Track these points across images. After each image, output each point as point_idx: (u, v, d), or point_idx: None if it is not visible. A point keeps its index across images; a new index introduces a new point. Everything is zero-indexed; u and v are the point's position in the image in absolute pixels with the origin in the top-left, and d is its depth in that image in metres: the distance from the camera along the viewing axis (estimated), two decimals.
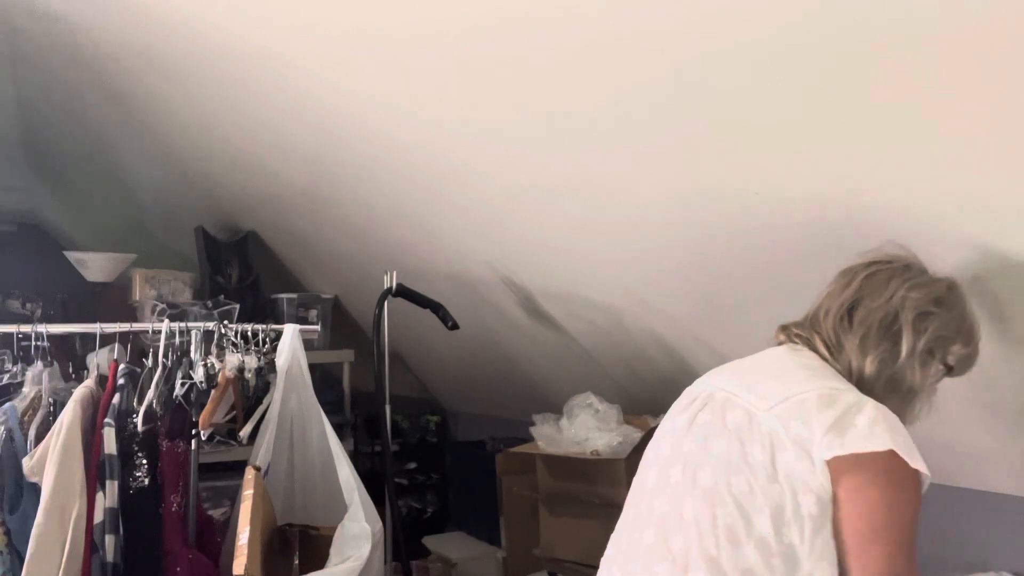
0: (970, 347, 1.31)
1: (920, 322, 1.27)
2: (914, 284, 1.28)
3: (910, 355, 1.27)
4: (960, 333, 1.30)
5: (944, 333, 1.28)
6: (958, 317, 1.29)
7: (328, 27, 1.73)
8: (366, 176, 2.37)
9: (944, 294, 1.29)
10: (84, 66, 2.56)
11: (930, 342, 1.27)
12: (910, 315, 1.27)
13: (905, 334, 1.26)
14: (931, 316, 1.27)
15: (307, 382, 2.26)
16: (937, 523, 1.92)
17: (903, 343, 1.26)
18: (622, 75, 1.43)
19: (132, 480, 2.02)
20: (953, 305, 1.29)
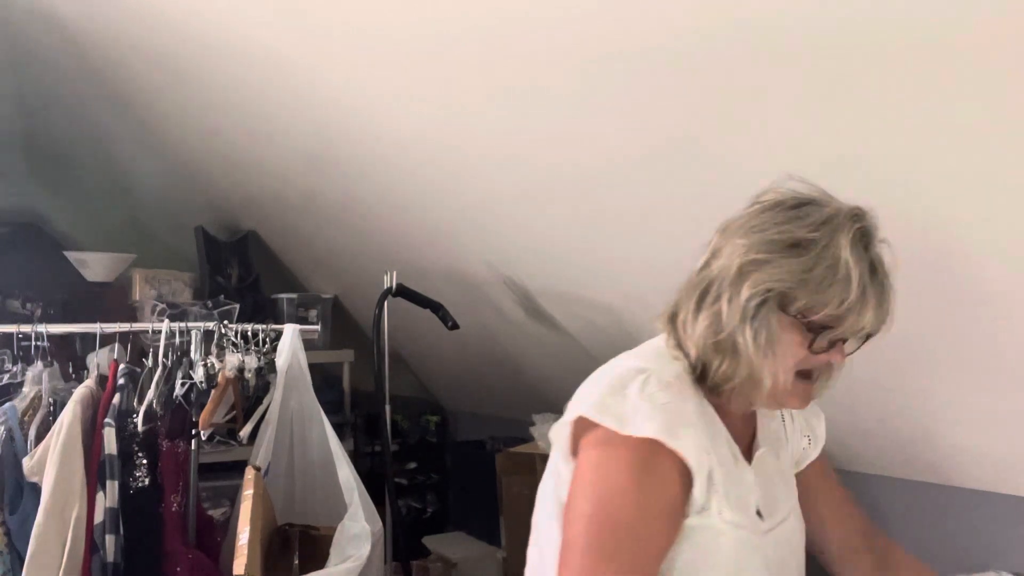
0: (836, 304, 1.02)
1: (746, 272, 1.05)
2: (763, 225, 1.07)
3: (732, 315, 1.05)
4: (808, 284, 1.02)
5: (777, 285, 1.03)
6: (808, 263, 1.02)
7: (328, 27, 1.73)
8: (366, 176, 2.37)
9: (803, 236, 1.03)
10: (84, 66, 2.56)
11: (756, 295, 1.04)
12: (736, 263, 1.06)
13: (727, 289, 1.07)
14: (762, 264, 1.04)
15: (307, 382, 2.26)
16: (937, 523, 1.93)
17: (723, 300, 1.07)
18: (624, 76, 1.43)
19: (132, 480, 2.02)
20: (808, 249, 1.03)
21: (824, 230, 1.04)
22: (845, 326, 1.04)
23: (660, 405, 1.05)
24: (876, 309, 1.04)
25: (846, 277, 1.02)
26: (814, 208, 1.06)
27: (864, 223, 1.06)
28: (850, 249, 1.02)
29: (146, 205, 3.81)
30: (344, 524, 1.96)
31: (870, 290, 1.03)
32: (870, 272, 1.03)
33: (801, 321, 1.05)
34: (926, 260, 1.41)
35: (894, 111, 1.20)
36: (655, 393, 1.06)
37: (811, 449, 1.30)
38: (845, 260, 1.02)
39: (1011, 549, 1.76)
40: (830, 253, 1.02)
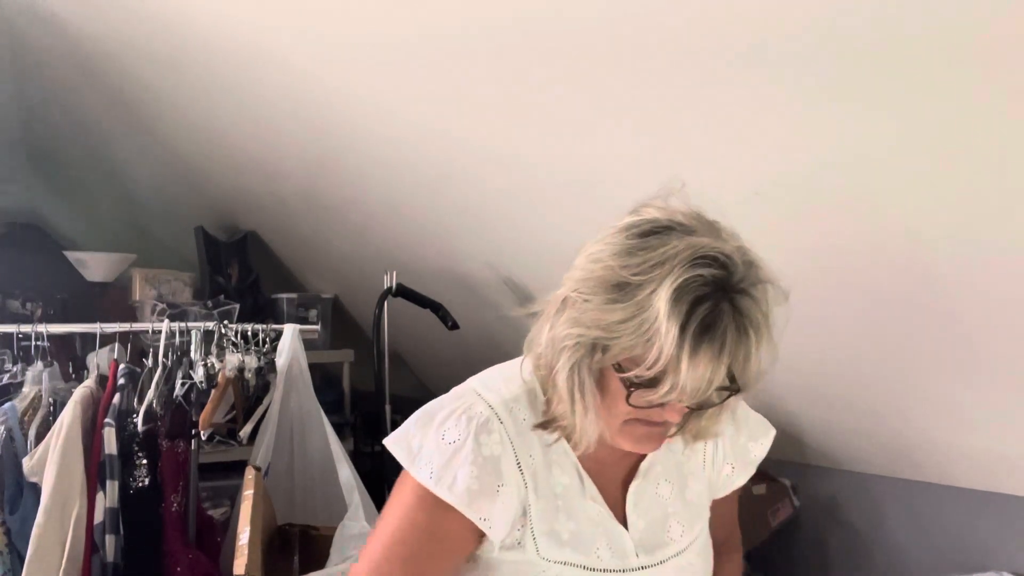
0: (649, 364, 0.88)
1: (567, 306, 0.94)
2: (600, 254, 0.93)
3: (551, 350, 0.96)
4: (621, 337, 0.89)
5: (588, 333, 0.91)
6: (627, 312, 0.88)
7: (329, 28, 1.73)
8: (366, 176, 2.37)
9: (628, 278, 0.89)
10: (84, 66, 2.56)
11: (570, 336, 0.93)
12: (561, 293, 0.96)
13: (551, 318, 0.97)
14: (580, 303, 0.92)
15: (307, 382, 2.26)
16: (937, 523, 1.93)
17: (544, 332, 0.97)
18: (622, 76, 1.43)
19: (132, 480, 2.02)
20: (631, 295, 0.89)
21: (653, 273, 0.88)
22: (665, 387, 0.88)
23: (444, 448, 0.99)
24: (704, 372, 0.87)
25: (660, 333, 0.86)
26: (660, 240, 0.90)
27: (709, 269, 0.87)
28: (671, 302, 0.85)
29: (146, 205, 3.81)
30: (344, 524, 1.96)
31: (690, 351, 0.86)
32: (696, 330, 0.86)
33: (619, 374, 0.92)
34: (920, 262, 1.41)
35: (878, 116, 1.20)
36: (448, 431, 1.00)
37: (735, 476, 1.18)
38: (662, 314, 0.86)
39: (1011, 549, 1.76)
40: (650, 304, 0.87)
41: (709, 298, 0.87)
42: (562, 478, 1.04)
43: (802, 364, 1.89)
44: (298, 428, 2.26)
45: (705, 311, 0.87)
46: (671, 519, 1.09)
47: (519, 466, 1.02)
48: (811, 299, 1.66)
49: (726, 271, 0.89)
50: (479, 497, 0.99)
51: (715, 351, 0.87)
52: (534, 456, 1.03)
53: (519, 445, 1.02)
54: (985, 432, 1.66)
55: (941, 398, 1.67)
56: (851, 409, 1.93)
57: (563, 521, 1.03)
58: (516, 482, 1.01)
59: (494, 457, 1.00)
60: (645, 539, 1.06)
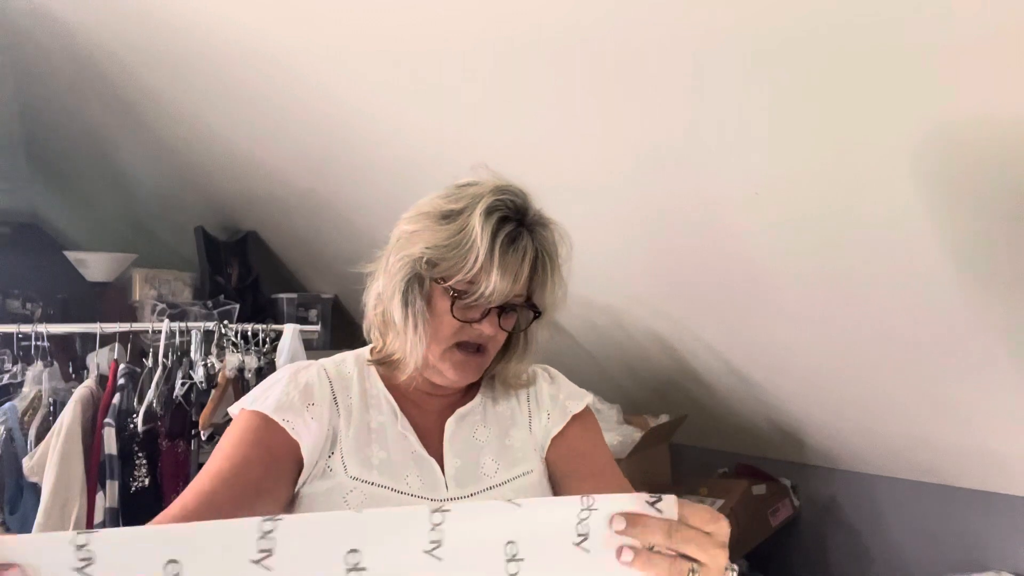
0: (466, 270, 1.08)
1: (400, 243, 1.15)
2: (427, 203, 1.16)
3: (387, 288, 1.15)
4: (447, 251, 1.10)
5: (422, 252, 1.11)
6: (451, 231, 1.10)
7: (329, 28, 1.73)
8: (366, 176, 2.37)
9: (451, 207, 1.12)
10: (85, 67, 2.56)
11: (404, 264, 1.12)
12: (395, 235, 1.18)
13: (383, 262, 1.17)
14: (412, 234, 1.13)
15: None
16: (937, 523, 1.93)
17: (380, 273, 1.17)
18: (623, 75, 1.43)
19: (132, 480, 2.02)
20: (453, 219, 1.11)
21: (469, 202, 1.11)
22: (476, 292, 1.09)
23: (269, 381, 1.14)
24: (508, 279, 1.08)
25: (472, 244, 1.08)
26: (473, 184, 1.14)
27: (508, 196, 1.11)
28: (481, 218, 1.08)
29: (146, 205, 3.81)
30: None
31: (499, 258, 1.08)
32: (502, 241, 1.08)
33: (442, 285, 1.11)
34: (919, 262, 1.41)
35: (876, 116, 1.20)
36: (277, 376, 1.15)
37: (552, 423, 1.28)
38: (474, 228, 1.08)
39: (1011, 549, 1.76)
40: (468, 222, 1.09)
41: (511, 220, 1.10)
42: (378, 417, 1.15)
43: (802, 365, 1.89)
44: None
45: (510, 228, 1.09)
46: (485, 456, 1.19)
47: (334, 399, 1.14)
48: (810, 300, 1.66)
49: (523, 202, 1.12)
50: (287, 408, 1.09)
51: (518, 259, 1.09)
52: (352, 398, 1.16)
53: (338, 386, 1.16)
54: (985, 432, 1.66)
55: (941, 398, 1.67)
56: (851, 409, 1.93)
57: (375, 450, 1.12)
58: (328, 406, 1.13)
59: (308, 384, 1.13)
60: (459, 475, 1.15)
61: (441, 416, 1.20)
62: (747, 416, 2.32)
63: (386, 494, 1.10)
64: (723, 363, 2.11)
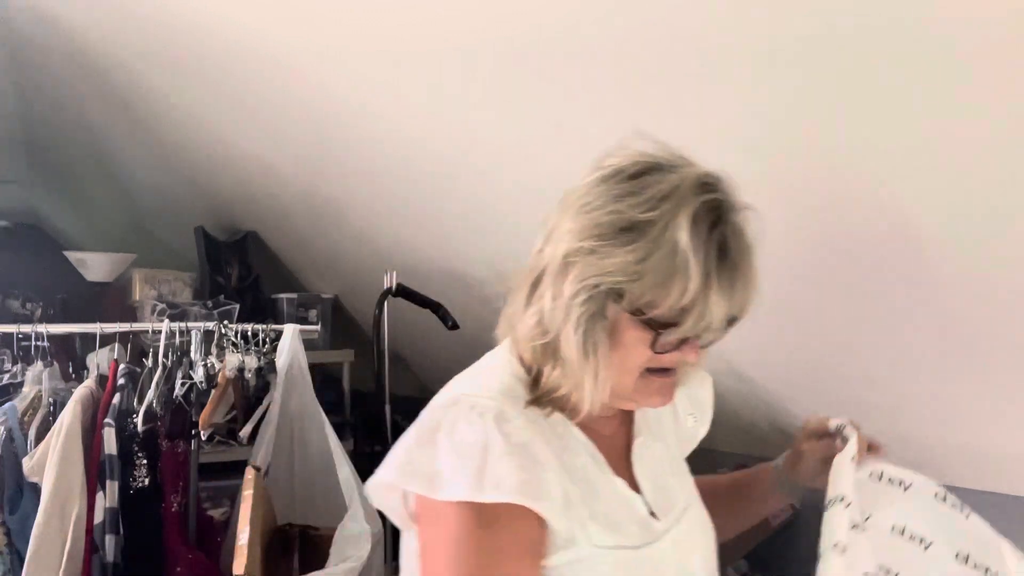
0: (677, 298, 0.86)
1: (570, 263, 0.90)
2: (595, 203, 0.90)
3: (555, 315, 0.90)
4: (642, 277, 0.86)
5: (606, 280, 0.87)
6: (643, 251, 0.86)
7: (329, 27, 1.73)
8: (366, 176, 2.37)
9: (637, 217, 0.87)
10: (85, 66, 2.56)
11: (581, 292, 0.88)
12: (560, 251, 0.91)
13: (550, 283, 0.92)
14: (588, 254, 0.89)
15: (307, 382, 2.26)
16: None
17: (546, 296, 0.91)
18: (625, 77, 1.43)
19: (132, 480, 2.02)
20: (643, 233, 0.87)
21: (663, 208, 0.87)
22: (690, 322, 0.87)
23: (468, 451, 0.86)
24: (727, 297, 0.88)
25: (685, 266, 0.85)
26: (656, 177, 0.90)
27: (713, 195, 0.89)
28: (691, 231, 0.85)
29: (146, 205, 3.81)
30: (344, 524, 1.96)
31: (716, 278, 0.86)
32: (717, 256, 0.86)
33: (639, 319, 0.88)
34: (919, 260, 1.41)
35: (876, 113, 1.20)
36: (464, 435, 0.88)
37: (699, 426, 1.17)
38: (684, 245, 0.85)
39: None
40: (668, 237, 0.86)
41: (718, 223, 0.88)
42: (577, 459, 0.95)
43: (801, 364, 1.89)
44: (298, 428, 2.26)
45: (719, 237, 0.87)
46: (668, 476, 1.05)
47: (550, 450, 0.92)
48: (809, 299, 1.66)
49: (724, 195, 0.91)
50: (531, 485, 0.86)
51: (733, 275, 0.87)
52: (551, 442, 0.94)
53: (539, 429, 0.93)
54: (985, 432, 1.66)
55: (941, 398, 1.67)
56: (850, 409, 1.93)
57: (597, 503, 0.93)
58: (552, 466, 0.90)
59: (524, 443, 0.89)
60: (656, 501, 0.99)
61: (616, 435, 1.03)
62: (747, 416, 2.32)
63: (629, 555, 0.92)
64: (724, 363, 2.11)
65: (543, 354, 0.93)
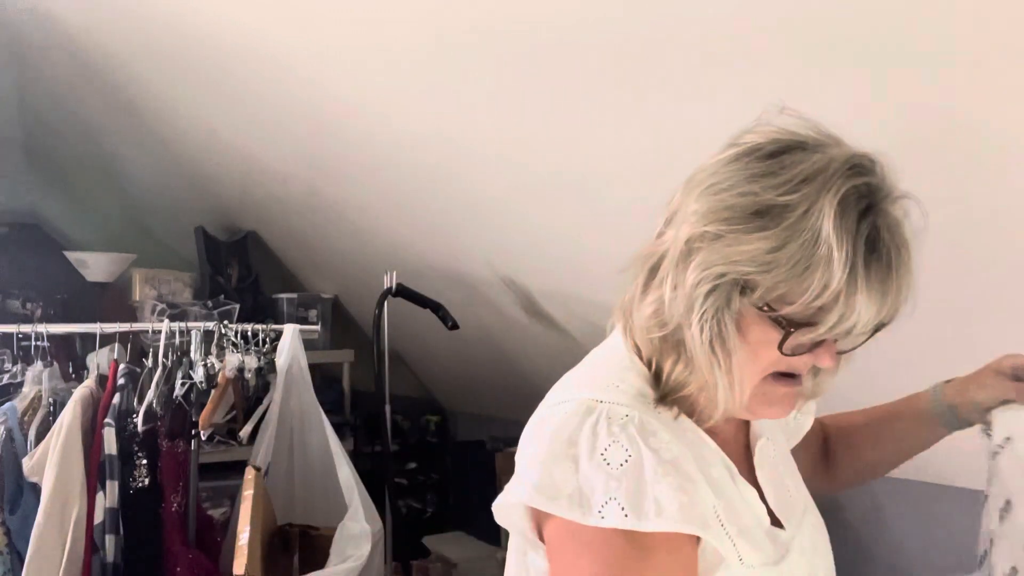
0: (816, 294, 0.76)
1: (694, 248, 0.81)
2: (726, 182, 0.81)
3: (676, 305, 0.81)
4: (775, 268, 0.76)
5: (732, 269, 0.78)
6: (777, 239, 0.76)
7: (329, 27, 1.73)
8: (366, 176, 2.37)
9: (773, 200, 0.77)
10: (85, 66, 2.56)
11: (704, 281, 0.79)
12: (683, 235, 0.82)
13: (671, 269, 0.82)
14: (715, 239, 0.79)
15: (307, 382, 2.26)
16: (937, 523, 1.92)
17: (667, 283, 0.82)
18: (623, 76, 1.43)
19: (132, 480, 2.02)
20: (779, 218, 0.77)
21: (805, 190, 0.77)
22: (829, 322, 0.77)
23: (619, 473, 0.78)
24: (877, 298, 0.77)
25: (827, 257, 0.75)
26: (800, 157, 0.79)
27: (865, 178, 0.78)
28: (837, 218, 0.75)
29: (146, 205, 3.81)
30: (344, 524, 1.96)
31: (864, 273, 0.76)
32: (866, 249, 0.76)
33: (769, 315, 0.79)
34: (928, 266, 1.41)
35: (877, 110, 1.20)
36: (611, 453, 0.79)
37: (802, 417, 1.08)
38: (827, 234, 0.75)
39: None
40: (809, 224, 0.76)
41: (868, 213, 0.77)
42: (713, 470, 0.86)
43: None
44: (298, 428, 2.26)
45: (868, 227, 0.76)
46: (785, 478, 0.97)
47: (695, 462, 0.84)
48: None
49: (878, 179, 0.79)
50: (693, 508, 0.79)
51: (884, 271, 0.77)
52: (691, 450, 0.85)
53: (679, 438, 0.84)
54: None
55: None
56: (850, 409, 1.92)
57: (740, 518, 0.85)
58: (702, 482, 0.83)
59: (675, 459, 0.81)
60: (779, 508, 0.91)
61: (736, 438, 0.94)
62: None
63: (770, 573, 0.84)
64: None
65: (663, 348, 0.84)
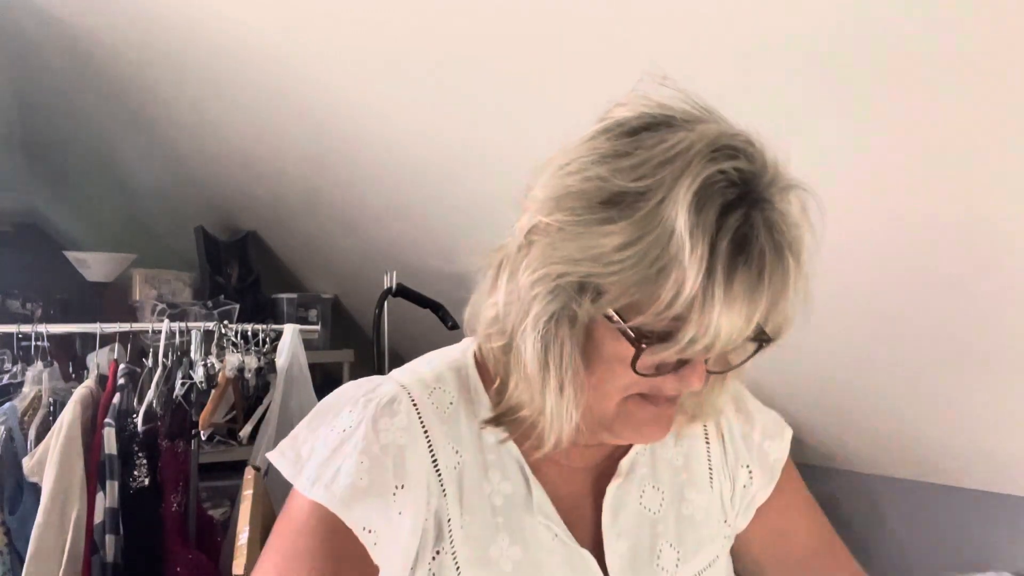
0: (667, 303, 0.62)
1: (532, 241, 0.68)
2: (578, 164, 0.67)
3: (511, 309, 0.69)
4: (622, 269, 0.62)
5: (573, 269, 0.64)
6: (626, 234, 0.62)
7: (329, 27, 1.73)
8: (366, 176, 2.37)
9: (624, 186, 0.63)
10: (84, 66, 2.56)
11: (539, 281, 0.66)
12: (524, 225, 0.69)
13: (507, 265, 0.71)
14: (555, 231, 0.66)
15: (307, 382, 2.26)
16: (937, 523, 1.93)
17: (502, 281, 0.71)
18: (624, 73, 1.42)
19: (132, 480, 2.02)
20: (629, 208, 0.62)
21: (660, 175, 0.62)
22: (685, 337, 0.62)
23: (331, 439, 0.74)
24: (742, 310, 0.62)
25: (678, 258, 0.60)
26: (663, 136, 0.65)
27: (735, 162, 0.64)
28: (693, 210, 0.60)
29: (146, 205, 3.81)
30: None
31: (725, 278, 0.61)
32: (731, 249, 0.61)
33: (618, 327, 0.65)
34: (921, 260, 1.41)
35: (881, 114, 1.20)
36: (342, 417, 0.75)
37: (756, 485, 0.87)
38: (680, 229, 0.60)
39: (1011, 549, 1.76)
40: (662, 217, 0.61)
41: (738, 205, 0.62)
42: (502, 485, 0.76)
43: (801, 364, 1.88)
44: None
45: (737, 222, 0.62)
46: (661, 540, 0.79)
47: (435, 463, 0.74)
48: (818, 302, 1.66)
49: (753, 166, 0.65)
50: (364, 497, 0.71)
51: (753, 277, 0.62)
52: (462, 452, 0.75)
53: (438, 436, 0.75)
54: (985, 432, 1.66)
55: (941, 398, 1.67)
56: (851, 409, 1.93)
57: (504, 546, 0.74)
58: (426, 485, 0.73)
59: (396, 447, 0.72)
60: (628, 570, 0.77)
61: (590, 471, 0.80)
62: None
63: None
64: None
65: (505, 361, 0.72)
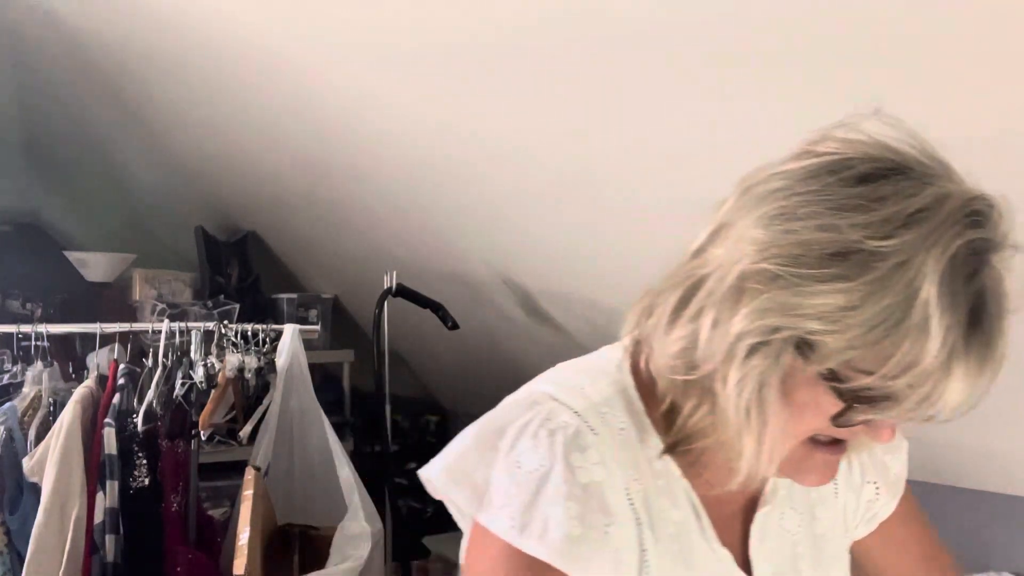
0: (897, 369, 0.60)
1: (747, 288, 0.64)
2: (800, 207, 0.62)
3: (713, 347, 0.66)
4: (850, 329, 0.59)
5: (793, 325, 0.62)
6: (858, 294, 0.59)
7: (329, 27, 1.73)
8: (366, 176, 2.37)
9: (860, 242, 0.59)
10: (84, 66, 2.56)
11: (752, 333, 0.63)
12: (736, 269, 0.64)
13: (715, 304, 0.66)
14: (774, 281, 0.62)
15: (307, 382, 2.26)
16: (937, 523, 1.93)
17: (705, 317, 0.66)
18: (624, 74, 1.42)
19: (132, 480, 2.02)
20: (864, 267, 0.59)
21: (906, 237, 0.59)
22: (907, 404, 0.61)
23: (523, 479, 0.71)
24: (972, 382, 0.61)
25: (922, 328, 0.58)
26: (903, 188, 0.60)
27: (982, 231, 0.60)
28: (945, 281, 0.58)
29: (146, 205, 3.81)
30: (344, 524, 1.96)
31: (965, 351, 0.59)
32: (969, 320, 0.59)
33: (828, 381, 0.63)
34: None
35: None
36: (524, 455, 0.72)
37: (881, 500, 0.88)
38: (927, 299, 0.58)
39: (1011, 549, 1.76)
40: (902, 280, 0.58)
41: (978, 272, 0.60)
42: (673, 512, 0.75)
43: None
44: (298, 428, 2.26)
45: (974, 294, 0.60)
46: (801, 561, 0.81)
47: (627, 494, 0.73)
48: None
49: (995, 235, 0.61)
50: (580, 544, 0.69)
51: (984, 349, 0.60)
52: (640, 480, 0.74)
53: (623, 464, 0.73)
54: (985, 432, 1.66)
55: None
56: None
57: (682, 572, 0.74)
58: (627, 518, 0.72)
59: (595, 484, 0.71)
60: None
61: (738, 496, 0.79)
62: None
63: None
64: None
65: (686, 389, 0.70)
